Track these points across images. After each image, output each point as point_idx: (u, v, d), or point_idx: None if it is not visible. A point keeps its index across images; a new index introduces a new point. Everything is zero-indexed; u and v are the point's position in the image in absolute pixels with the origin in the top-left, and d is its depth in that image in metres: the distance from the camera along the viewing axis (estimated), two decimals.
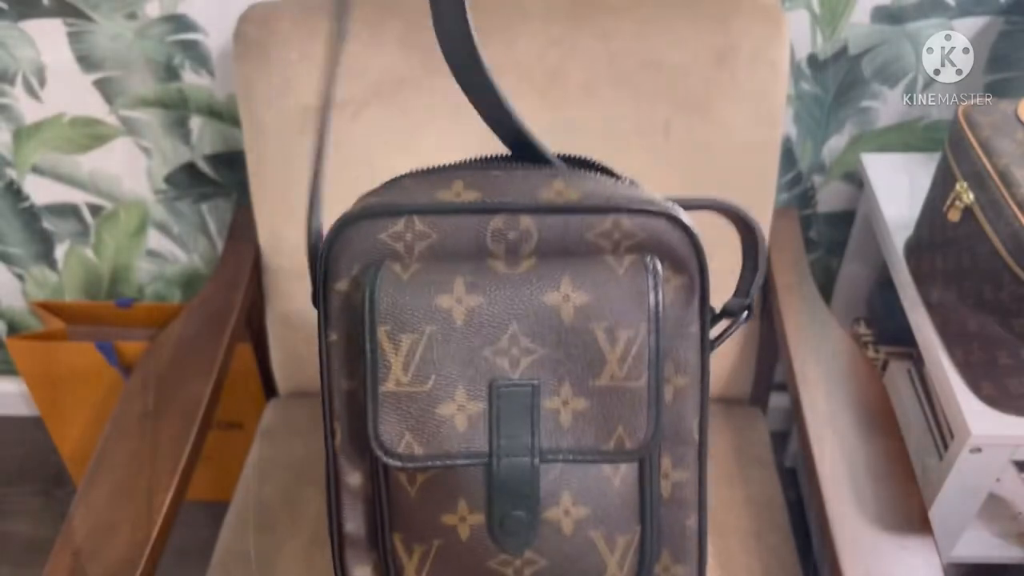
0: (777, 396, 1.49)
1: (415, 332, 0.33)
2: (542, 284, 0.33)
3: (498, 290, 0.33)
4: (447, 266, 0.33)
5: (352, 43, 0.97)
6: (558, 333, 0.33)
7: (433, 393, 0.33)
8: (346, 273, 0.35)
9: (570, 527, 0.34)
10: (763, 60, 0.95)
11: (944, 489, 0.90)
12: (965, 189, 0.86)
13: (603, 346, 0.33)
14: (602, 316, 0.33)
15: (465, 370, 0.33)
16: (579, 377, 0.33)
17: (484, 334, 0.33)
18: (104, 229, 1.35)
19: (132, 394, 0.92)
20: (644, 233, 0.35)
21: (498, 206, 0.34)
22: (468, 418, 0.33)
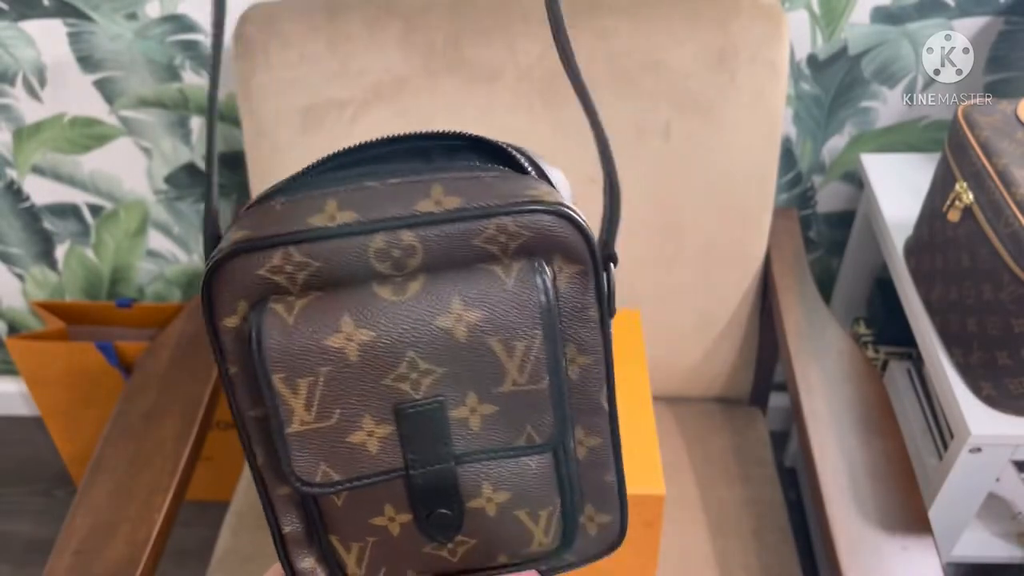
0: (777, 396, 1.49)
1: (311, 375, 0.33)
2: (432, 308, 0.33)
3: (389, 322, 0.33)
4: (333, 301, 0.33)
5: (353, 44, 0.97)
6: (455, 351, 0.33)
7: (340, 426, 0.34)
8: (231, 310, 0.33)
9: (494, 510, 0.36)
10: (763, 60, 0.95)
11: (944, 489, 0.90)
12: (965, 189, 0.86)
13: (501, 357, 0.34)
14: (496, 330, 0.33)
15: (368, 400, 0.34)
16: (482, 386, 0.34)
17: (380, 365, 0.33)
18: (104, 229, 1.35)
19: (132, 394, 0.92)
20: (530, 232, 0.34)
21: (375, 225, 0.33)
22: (379, 441, 0.34)
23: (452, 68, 0.97)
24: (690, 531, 0.96)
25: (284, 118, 0.99)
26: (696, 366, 1.10)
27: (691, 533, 0.96)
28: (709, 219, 1.02)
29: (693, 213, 1.01)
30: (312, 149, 1.00)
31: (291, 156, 1.01)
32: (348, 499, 0.36)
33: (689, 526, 0.97)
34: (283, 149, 1.00)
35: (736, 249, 1.04)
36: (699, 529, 0.97)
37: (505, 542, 0.38)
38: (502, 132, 0.99)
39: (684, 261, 1.04)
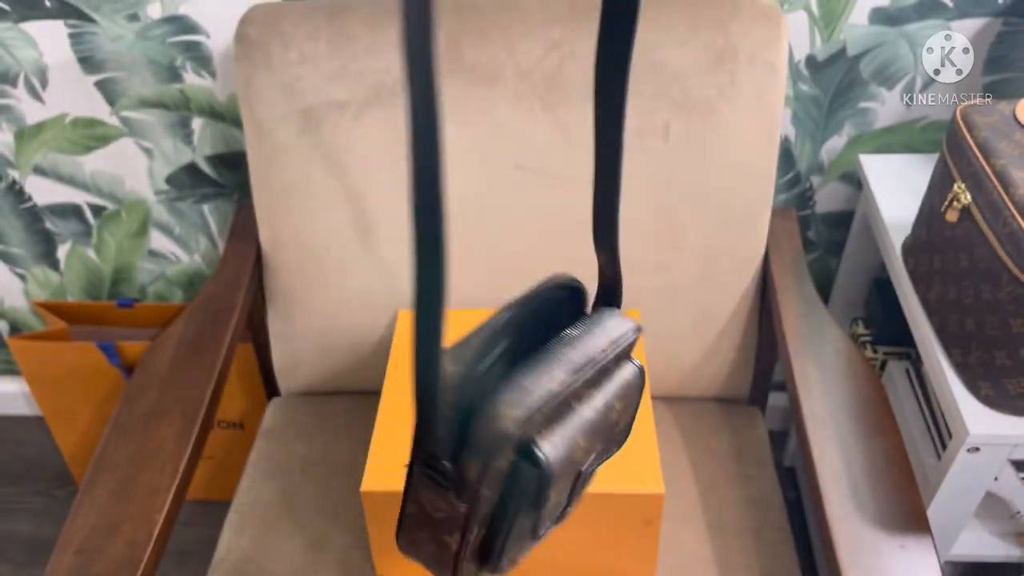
0: (776, 396, 1.49)
1: (565, 478, 0.54)
2: (610, 413, 0.55)
3: (597, 431, 0.55)
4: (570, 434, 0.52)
5: (353, 45, 0.97)
6: (610, 429, 0.57)
7: (560, 496, 0.56)
8: (500, 453, 0.50)
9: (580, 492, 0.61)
10: (762, 61, 0.96)
11: (942, 488, 0.91)
12: (963, 190, 0.87)
13: (620, 421, 0.59)
14: (627, 412, 0.58)
15: (574, 474, 0.56)
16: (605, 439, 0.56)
17: (587, 455, 0.56)
18: (106, 229, 1.35)
19: (134, 394, 0.92)
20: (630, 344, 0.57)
21: (578, 378, 0.53)
22: (565, 495, 0.57)
23: (452, 69, 0.97)
24: (689, 530, 0.97)
25: (285, 118, 0.99)
26: (695, 366, 1.11)
27: (690, 532, 0.96)
28: (708, 219, 1.02)
29: (692, 213, 1.02)
30: (312, 149, 1.00)
31: (292, 156, 1.01)
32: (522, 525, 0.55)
33: (688, 525, 0.97)
34: (284, 149, 1.01)
35: (735, 249, 1.04)
36: (698, 528, 0.97)
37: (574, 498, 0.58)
38: (502, 133, 0.99)
39: (683, 261, 1.04)
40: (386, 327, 1.09)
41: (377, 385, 0.96)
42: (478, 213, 1.02)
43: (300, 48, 0.97)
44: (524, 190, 1.01)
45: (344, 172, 1.01)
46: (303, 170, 1.02)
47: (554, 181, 1.00)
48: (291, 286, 1.09)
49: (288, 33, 0.97)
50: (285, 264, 1.08)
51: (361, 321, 1.09)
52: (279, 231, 1.06)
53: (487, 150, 1.00)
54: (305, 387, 1.17)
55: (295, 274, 1.08)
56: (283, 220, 1.05)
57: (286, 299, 1.10)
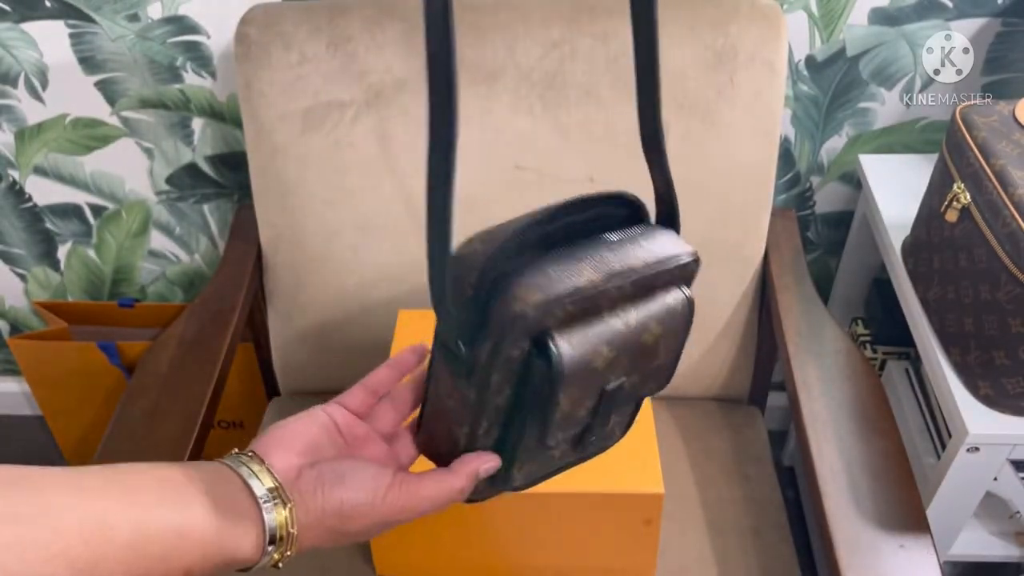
0: (775, 395, 1.49)
1: (579, 385, 0.48)
2: (641, 331, 0.49)
3: (623, 344, 0.49)
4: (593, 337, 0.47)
5: (353, 45, 0.97)
6: (642, 351, 0.50)
7: (575, 408, 0.49)
8: (513, 343, 0.46)
9: (609, 431, 0.56)
10: (761, 62, 0.96)
11: (942, 488, 0.91)
12: (962, 190, 0.87)
13: (660, 350, 0.51)
14: (666, 338, 0.51)
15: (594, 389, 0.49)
16: (642, 368, 0.51)
17: (610, 368, 0.49)
18: (106, 229, 1.35)
19: (134, 394, 0.92)
20: (683, 274, 0.53)
21: (609, 280, 0.48)
22: (586, 410, 0.50)
23: None
24: (689, 530, 0.97)
25: (285, 119, 0.99)
26: (695, 366, 1.11)
27: (690, 532, 0.96)
28: (708, 219, 1.02)
29: (692, 213, 1.01)
30: (313, 150, 1.00)
31: (292, 156, 1.01)
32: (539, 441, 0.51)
33: (688, 525, 0.97)
34: (284, 149, 1.01)
35: (735, 249, 1.04)
36: (698, 528, 0.97)
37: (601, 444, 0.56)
38: (502, 133, 0.99)
39: None
40: (386, 327, 1.09)
41: None
42: (478, 213, 1.02)
43: (300, 48, 0.97)
44: (524, 190, 1.01)
45: (344, 172, 1.02)
46: (303, 170, 1.02)
47: (554, 181, 1.01)
48: (291, 286, 1.09)
49: (288, 33, 0.97)
50: (285, 264, 1.08)
51: (361, 321, 1.09)
52: (279, 231, 1.06)
53: (487, 150, 1.00)
54: (305, 387, 1.17)
55: (295, 274, 1.08)
56: (283, 220, 1.05)
57: (286, 299, 1.10)
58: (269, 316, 1.13)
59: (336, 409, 0.53)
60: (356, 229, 1.04)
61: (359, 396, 0.55)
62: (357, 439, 0.53)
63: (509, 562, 0.87)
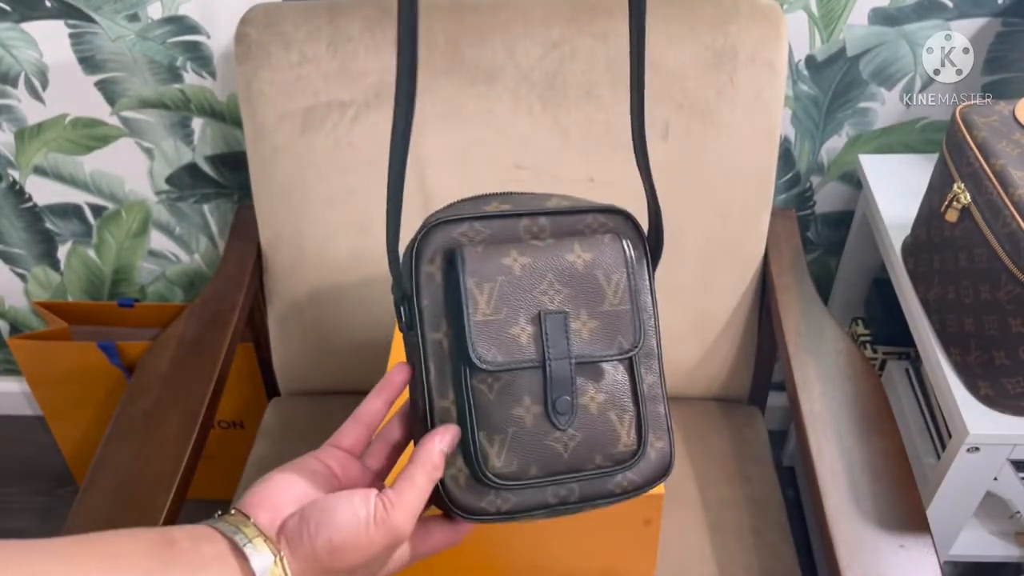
0: (775, 395, 1.50)
1: (492, 280, 0.50)
2: (563, 249, 0.52)
3: (538, 254, 0.51)
4: (501, 246, 0.51)
5: (353, 45, 0.97)
6: (576, 278, 0.51)
7: (505, 320, 0.50)
8: (431, 260, 0.51)
9: (595, 409, 0.52)
10: (761, 62, 0.96)
11: (942, 488, 0.91)
12: (962, 190, 0.87)
13: (602, 284, 0.52)
14: (599, 266, 0.52)
15: (523, 304, 0.50)
16: (590, 306, 0.52)
17: (532, 281, 0.51)
18: (106, 229, 1.35)
19: (134, 394, 0.92)
20: (611, 224, 0.54)
21: (523, 212, 0.53)
22: (528, 336, 0.50)
23: (452, 69, 0.97)
24: (689, 529, 0.97)
25: (285, 119, 0.99)
26: (695, 366, 1.11)
27: (690, 531, 0.96)
28: (708, 219, 1.02)
29: (692, 213, 1.02)
30: (313, 150, 1.00)
31: (292, 156, 1.01)
32: (499, 392, 0.51)
33: (688, 524, 0.97)
34: (284, 149, 1.01)
35: (735, 249, 1.04)
36: (698, 527, 0.97)
37: (601, 442, 0.52)
38: (502, 133, 0.99)
39: (683, 261, 1.04)
40: (386, 327, 1.09)
41: None
42: None
43: (300, 48, 0.97)
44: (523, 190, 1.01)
45: (344, 172, 1.02)
46: (303, 170, 1.02)
47: (554, 181, 1.01)
48: (291, 286, 1.09)
49: (288, 33, 0.97)
50: (285, 264, 1.08)
51: (361, 321, 1.09)
52: (279, 231, 1.06)
53: (487, 150, 1.00)
54: (305, 387, 1.17)
55: (295, 274, 1.08)
56: (283, 220, 1.05)
57: (286, 299, 1.10)
58: (269, 316, 1.13)
59: (329, 453, 0.52)
60: (356, 229, 1.04)
61: (352, 432, 0.54)
62: (353, 480, 0.52)
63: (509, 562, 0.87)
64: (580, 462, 0.52)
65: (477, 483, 0.51)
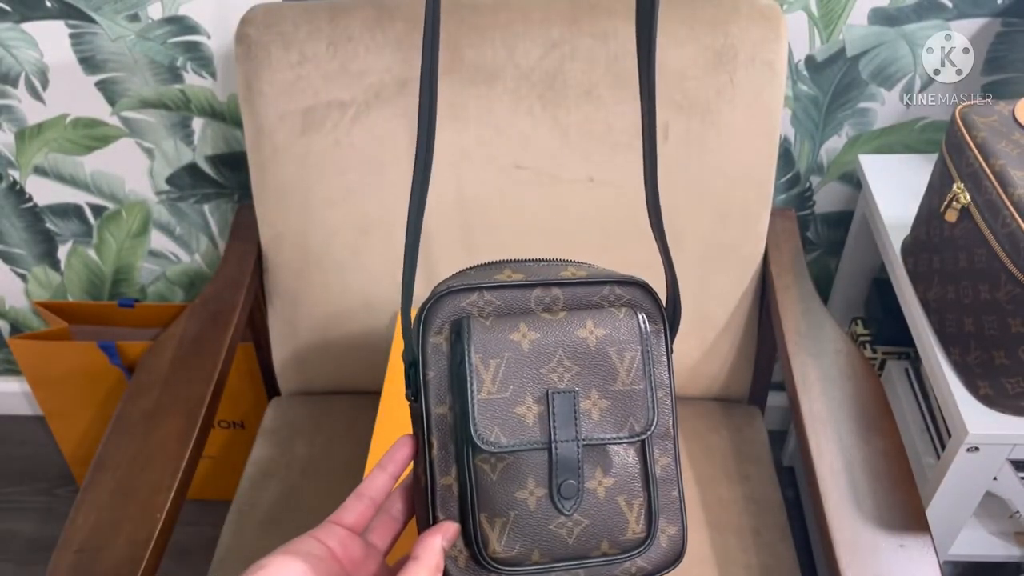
0: (775, 395, 1.50)
1: (498, 356, 0.48)
2: (574, 324, 0.50)
3: (548, 328, 0.49)
4: (512, 318, 0.49)
5: (353, 45, 0.97)
6: (586, 355, 0.49)
7: (511, 398, 0.48)
8: (438, 329, 0.49)
9: (603, 494, 0.50)
10: (761, 62, 0.96)
11: (941, 488, 0.91)
12: (962, 190, 0.87)
13: (615, 362, 0.50)
14: (612, 343, 0.50)
15: (530, 383, 0.49)
16: (602, 385, 0.50)
17: (541, 358, 0.49)
18: (106, 229, 1.35)
19: (134, 394, 0.93)
20: (628, 296, 0.52)
21: (536, 282, 0.51)
22: (534, 416, 0.49)
23: (452, 69, 0.98)
24: (689, 529, 0.97)
25: (285, 119, 0.99)
26: (695, 366, 1.11)
27: (690, 531, 0.97)
28: (708, 219, 1.02)
29: (692, 214, 1.02)
30: (313, 150, 1.00)
31: (292, 157, 1.01)
32: (502, 472, 0.49)
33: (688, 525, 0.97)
34: (284, 149, 1.01)
35: (734, 249, 1.04)
36: (698, 527, 0.97)
37: (608, 528, 0.50)
38: (502, 133, 1.00)
39: (682, 261, 1.04)
40: (386, 327, 1.09)
41: (377, 385, 0.96)
42: (478, 213, 1.02)
43: (300, 48, 0.97)
44: (524, 190, 1.01)
45: (344, 172, 1.02)
46: (303, 170, 1.02)
47: (554, 181, 1.01)
48: (291, 286, 1.09)
49: (288, 33, 0.97)
50: (285, 264, 1.08)
51: (361, 321, 1.09)
52: (279, 231, 1.06)
53: (487, 150, 1.00)
54: (305, 387, 1.17)
55: (295, 274, 1.08)
56: (283, 220, 1.05)
57: (286, 299, 1.10)
58: (269, 316, 1.14)
59: (330, 532, 0.51)
60: (356, 229, 1.04)
61: (355, 508, 0.52)
62: (355, 562, 0.51)
63: None
64: (585, 549, 0.50)
65: (477, 566, 0.50)
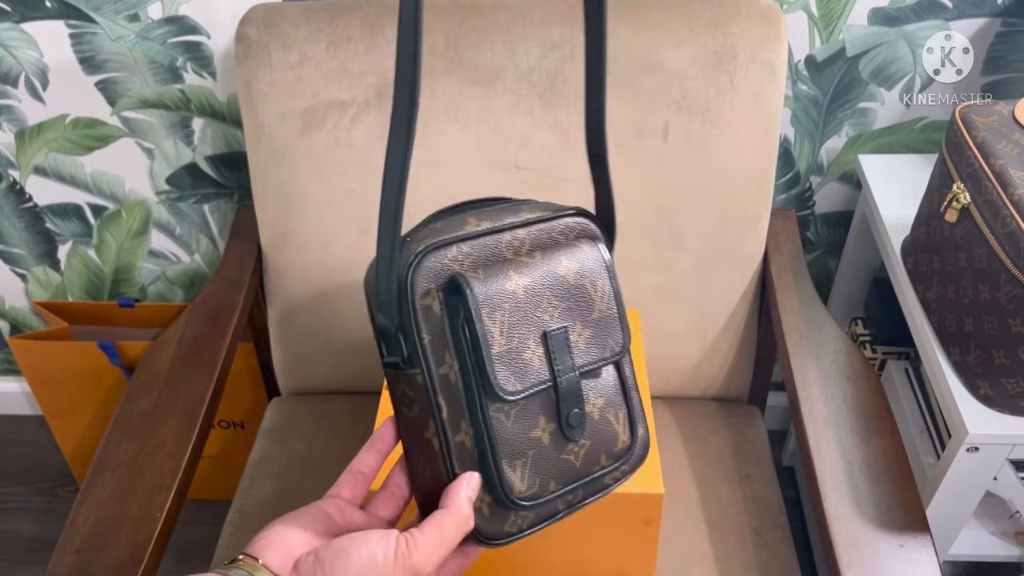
0: (775, 395, 1.50)
1: (501, 309, 0.50)
2: (552, 264, 0.52)
3: (532, 272, 0.51)
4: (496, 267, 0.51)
5: (353, 45, 0.97)
6: (568, 291, 0.52)
7: (518, 346, 0.50)
8: (424, 292, 0.50)
9: (597, 415, 0.54)
10: (761, 62, 0.96)
11: (941, 488, 0.91)
12: (962, 190, 0.87)
13: (591, 293, 0.53)
14: (586, 275, 0.53)
15: (530, 327, 0.51)
16: (583, 316, 0.53)
17: (533, 302, 0.51)
18: (106, 229, 1.35)
19: (134, 393, 0.93)
20: (579, 227, 0.55)
21: (504, 227, 0.53)
22: (538, 358, 0.51)
23: (452, 69, 0.98)
24: (689, 529, 0.97)
25: (285, 119, 0.99)
26: (695, 365, 1.11)
27: (690, 531, 0.97)
28: (708, 219, 1.02)
29: (692, 213, 1.02)
30: (313, 150, 1.00)
31: (292, 156, 1.01)
32: (516, 417, 0.51)
33: (688, 524, 0.97)
34: (284, 149, 1.01)
35: (734, 249, 1.04)
36: (698, 527, 0.97)
37: (605, 444, 0.54)
38: (502, 133, 1.00)
39: (683, 261, 1.04)
40: None
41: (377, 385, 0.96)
42: None
43: (300, 48, 0.97)
44: (524, 190, 1.01)
45: (344, 172, 1.02)
46: (303, 170, 1.02)
47: (554, 181, 1.01)
48: (291, 286, 1.09)
49: (288, 33, 0.97)
50: (285, 264, 1.08)
51: (361, 321, 1.09)
52: (279, 231, 1.06)
53: (487, 150, 1.00)
54: (305, 387, 1.17)
55: (295, 274, 1.08)
56: (283, 220, 1.05)
57: (286, 299, 1.10)
58: (269, 316, 1.14)
59: (331, 502, 0.53)
60: (356, 229, 1.04)
61: (349, 483, 0.54)
62: (356, 525, 0.52)
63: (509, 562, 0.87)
64: (589, 468, 0.54)
65: (501, 508, 0.51)
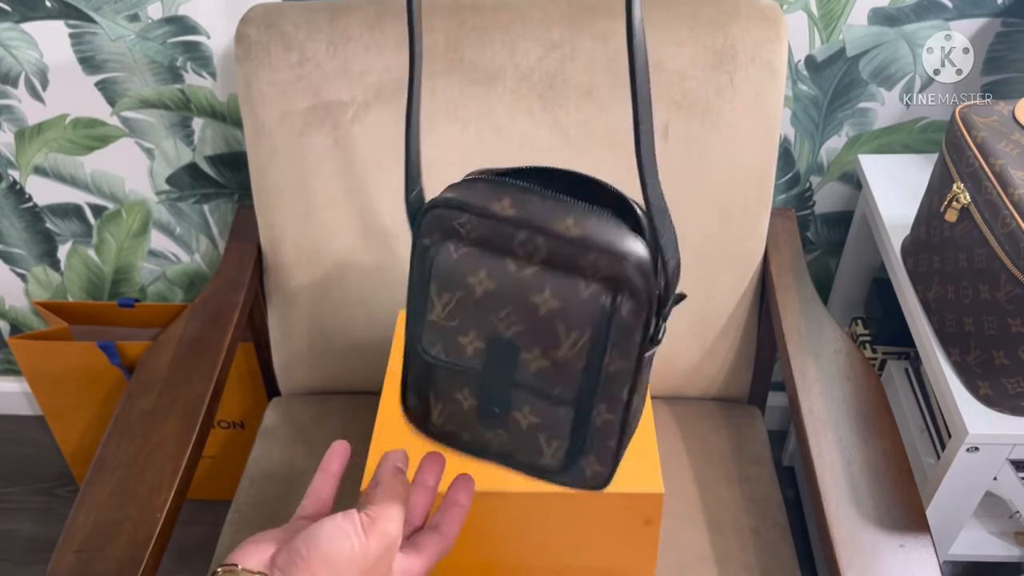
0: (775, 395, 1.50)
1: (451, 292, 0.52)
2: (533, 288, 0.50)
3: (505, 284, 0.51)
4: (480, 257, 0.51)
5: (353, 45, 0.97)
6: (534, 320, 0.51)
7: (455, 328, 0.52)
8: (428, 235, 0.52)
9: (526, 426, 0.54)
10: (761, 62, 0.96)
11: (941, 488, 0.91)
12: (962, 190, 0.87)
13: (560, 335, 0.51)
14: (562, 319, 0.50)
15: (477, 322, 0.52)
16: (545, 347, 0.51)
17: (490, 307, 0.51)
18: (106, 229, 1.35)
19: (134, 394, 0.93)
20: (612, 271, 0.49)
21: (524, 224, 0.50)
22: (474, 349, 0.53)
23: (452, 69, 0.98)
24: (689, 529, 0.97)
25: (285, 119, 0.99)
26: (695, 365, 1.11)
27: (690, 531, 0.97)
28: (708, 219, 1.02)
29: (692, 213, 1.02)
30: (313, 149, 1.00)
31: (292, 156, 1.01)
32: (444, 373, 0.55)
33: (688, 524, 0.97)
34: (284, 149, 1.01)
35: (734, 249, 1.04)
36: (698, 527, 0.97)
37: (525, 451, 0.55)
38: (502, 133, 1.00)
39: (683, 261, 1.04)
40: (386, 327, 1.09)
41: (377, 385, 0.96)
42: None
43: (300, 48, 0.97)
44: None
45: (344, 172, 1.02)
46: (303, 170, 1.02)
47: None
48: (291, 286, 1.09)
49: (288, 33, 0.97)
50: (285, 264, 1.08)
51: (361, 321, 1.09)
52: (279, 231, 1.06)
53: (487, 150, 1.00)
54: (305, 387, 1.17)
55: (295, 274, 1.08)
56: (283, 220, 1.05)
57: (286, 299, 1.10)
58: (269, 316, 1.14)
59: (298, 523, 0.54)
60: (356, 229, 1.04)
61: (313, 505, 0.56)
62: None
63: (509, 562, 0.87)
64: (504, 456, 0.57)
65: (424, 430, 0.59)
